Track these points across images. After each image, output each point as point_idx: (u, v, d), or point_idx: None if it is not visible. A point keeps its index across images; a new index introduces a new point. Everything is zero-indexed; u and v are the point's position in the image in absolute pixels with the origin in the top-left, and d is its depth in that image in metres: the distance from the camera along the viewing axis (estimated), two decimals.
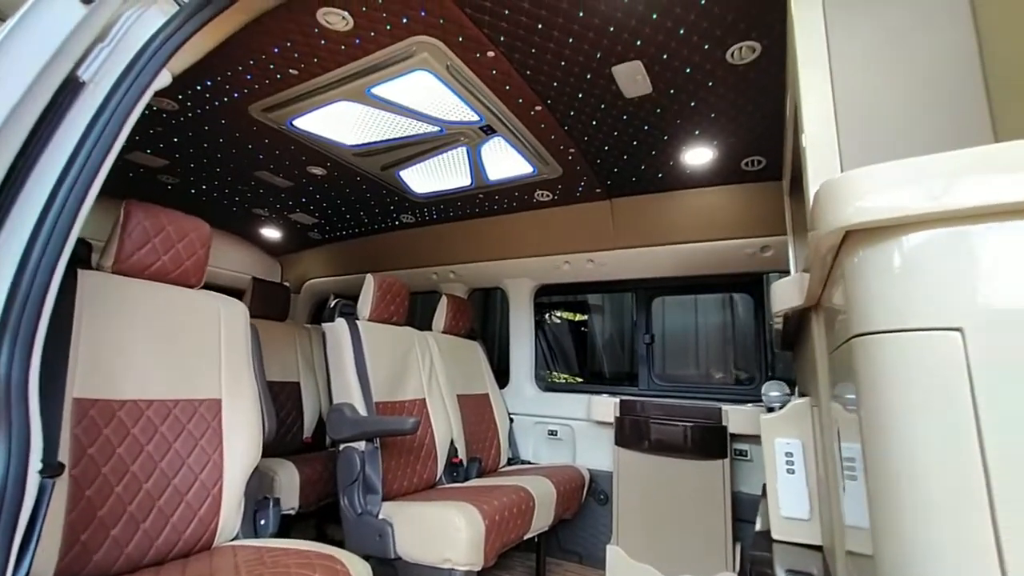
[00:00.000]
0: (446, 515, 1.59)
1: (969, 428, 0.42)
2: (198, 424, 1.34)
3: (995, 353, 0.42)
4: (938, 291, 0.45)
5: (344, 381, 1.89)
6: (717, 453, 2.12)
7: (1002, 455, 0.41)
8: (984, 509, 0.41)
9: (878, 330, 0.48)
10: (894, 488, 0.46)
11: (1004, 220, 0.44)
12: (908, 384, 0.45)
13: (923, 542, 0.43)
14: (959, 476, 0.42)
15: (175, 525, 1.22)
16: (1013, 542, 0.39)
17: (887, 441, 0.47)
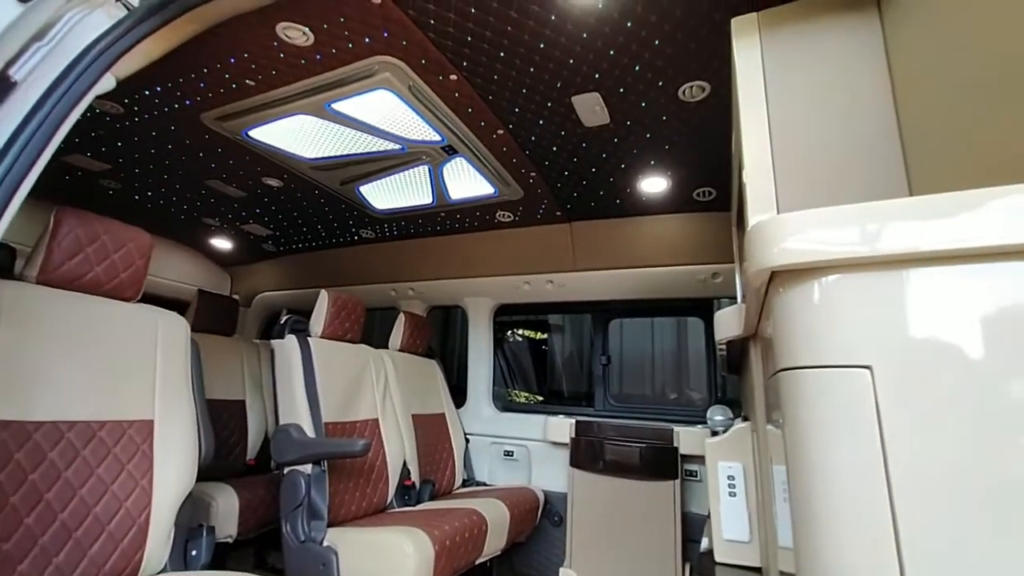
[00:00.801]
0: (394, 541, 1.54)
1: (876, 460, 0.45)
2: (126, 447, 1.25)
3: (899, 389, 0.46)
4: (850, 331, 0.48)
5: (292, 401, 1.82)
6: (669, 474, 2.16)
7: (904, 485, 0.44)
8: (889, 535, 0.44)
9: (799, 365, 0.51)
10: (813, 513, 0.48)
11: (910, 267, 0.48)
12: (824, 417, 0.48)
13: (836, 564, 0.45)
14: (868, 503, 0.45)
15: (93, 558, 1.13)
16: (914, 562, 0.42)
17: (807, 469, 0.49)
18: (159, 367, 1.37)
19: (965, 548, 0.41)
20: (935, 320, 0.46)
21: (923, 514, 0.43)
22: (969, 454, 0.43)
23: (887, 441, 0.45)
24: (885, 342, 0.47)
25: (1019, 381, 0.43)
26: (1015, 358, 0.43)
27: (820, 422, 0.48)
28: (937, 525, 0.43)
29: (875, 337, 0.47)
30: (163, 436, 1.32)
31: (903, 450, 0.44)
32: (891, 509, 0.44)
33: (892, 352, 0.47)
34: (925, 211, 0.48)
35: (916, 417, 0.45)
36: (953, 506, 0.43)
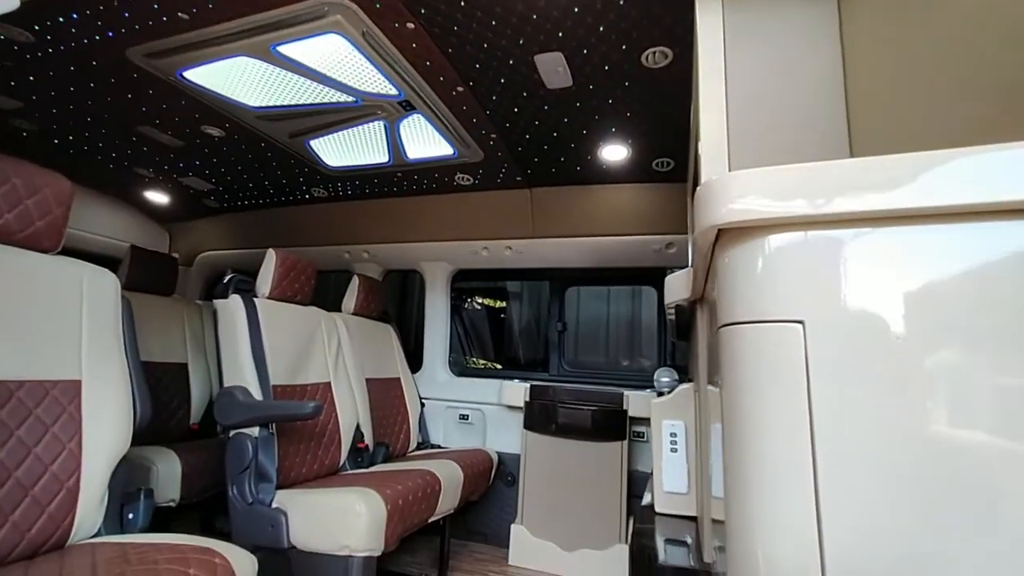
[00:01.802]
0: (346, 501, 1.54)
1: (802, 410, 0.48)
2: (49, 409, 1.17)
3: (827, 344, 0.48)
4: (787, 287, 0.50)
5: (237, 363, 1.75)
6: (617, 435, 2.26)
7: (825, 434, 0.47)
8: (809, 480, 0.47)
9: (739, 321, 0.53)
10: (743, 459, 0.51)
11: (846, 227, 0.50)
12: (759, 369, 0.51)
13: (759, 504, 0.48)
14: (792, 451, 0.48)
15: (16, 524, 1.06)
16: (829, 506, 0.46)
17: (740, 418, 0.52)
18: (85, 324, 1.27)
19: (875, 498, 0.45)
20: (866, 280, 0.49)
21: (839, 463, 0.46)
22: (885, 410, 0.46)
23: (813, 392, 0.48)
24: (818, 299, 0.49)
25: (937, 346, 0.46)
26: (936, 322, 0.46)
27: (755, 374, 0.51)
28: (852, 473, 0.46)
29: (809, 294, 0.49)
30: (92, 397, 1.24)
31: (826, 401, 0.47)
32: (812, 456, 0.47)
33: (824, 309, 0.49)
34: (864, 172, 0.49)
35: (840, 371, 0.48)
36: (867, 457, 0.46)
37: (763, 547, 0.48)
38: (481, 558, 2.36)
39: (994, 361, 0.44)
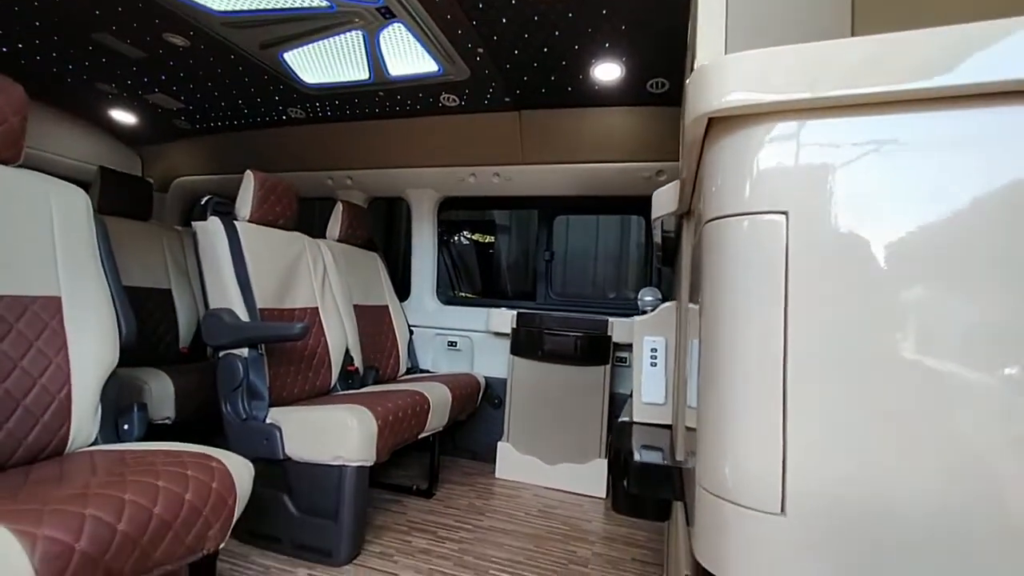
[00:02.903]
0: (337, 417, 1.60)
1: (778, 305, 0.48)
2: (31, 324, 1.16)
3: (809, 236, 0.48)
4: (775, 177, 0.50)
5: (221, 286, 1.74)
6: (601, 359, 2.33)
7: (798, 327, 0.48)
8: (778, 382, 0.48)
9: (724, 214, 0.53)
10: (718, 361, 0.52)
11: (842, 115, 0.48)
12: (741, 261, 0.51)
13: (730, 406, 0.50)
14: (766, 351, 0.49)
15: (12, 431, 1.08)
16: (796, 410, 0.47)
17: (718, 317, 0.52)
18: (58, 241, 1.24)
19: (841, 407, 0.46)
20: (858, 173, 0.47)
21: (809, 365, 0.47)
22: (858, 312, 0.46)
23: (790, 289, 0.48)
24: (804, 189, 0.49)
25: (923, 253, 0.45)
26: (924, 220, 0.45)
27: (737, 266, 0.51)
28: (820, 375, 0.47)
29: (796, 183, 0.49)
30: (74, 314, 1.23)
31: (802, 299, 0.48)
32: (783, 356, 0.48)
33: (809, 199, 0.48)
34: (862, 51, 0.47)
35: (819, 267, 0.48)
36: (836, 361, 0.46)
37: (731, 452, 0.50)
38: (469, 472, 2.51)
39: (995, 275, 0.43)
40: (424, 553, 1.70)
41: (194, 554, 1.03)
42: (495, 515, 2.03)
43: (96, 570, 0.82)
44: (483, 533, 1.87)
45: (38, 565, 0.75)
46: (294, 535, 1.61)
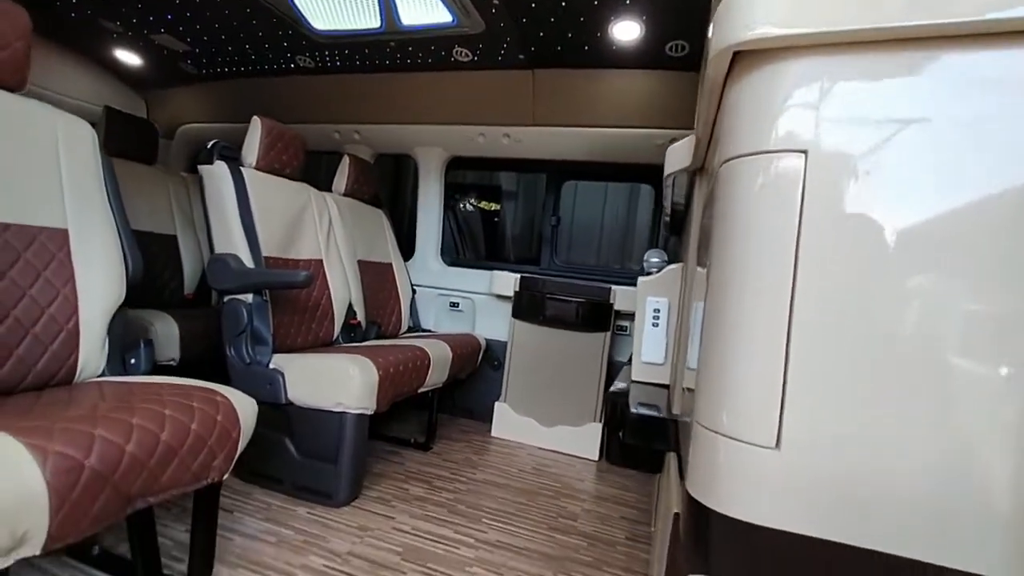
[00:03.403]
0: (339, 365, 1.62)
1: (791, 240, 0.48)
2: (39, 254, 1.17)
3: (825, 178, 0.47)
4: (796, 115, 0.48)
5: (227, 231, 1.73)
6: (602, 327, 2.35)
7: (807, 266, 0.48)
8: (785, 310, 0.48)
9: (742, 153, 0.52)
10: (727, 291, 0.52)
11: (864, 52, 0.47)
12: (755, 201, 0.50)
13: (733, 351, 0.50)
14: (775, 281, 0.49)
15: (22, 358, 1.11)
16: (799, 337, 0.47)
17: (730, 252, 0.52)
18: (64, 172, 1.23)
19: (841, 345, 0.46)
20: (883, 113, 0.46)
21: (816, 313, 0.47)
22: (871, 258, 0.46)
23: (803, 229, 0.48)
24: (825, 127, 0.47)
25: (945, 214, 0.44)
26: (954, 185, 0.44)
27: (750, 207, 0.50)
28: (825, 317, 0.47)
29: (817, 122, 0.48)
30: (81, 248, 1.24)
31: (814, 242, 0.47)
32: (791, 295, 0.48)
33: (830, 138, 0.47)
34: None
35: (833, 209, 0.47)
36: (844, 300, 0.46)
37: (732, 388, 0.50)
38: (466, 429, 2.56)
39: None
40: (420, 500, 1.75)
41: (199, 482, 1.06)
42: (489, 470, 2.08)
43: (105, 487, 0.85)
44: (477, 485, 1.92)
45: (50, 478, 0.78)
46: (295, 477, 1.66)
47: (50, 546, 0.80)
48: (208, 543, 1.17)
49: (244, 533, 1.44)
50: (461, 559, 1.42)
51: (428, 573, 1.34)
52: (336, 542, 1.44)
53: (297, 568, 1.30)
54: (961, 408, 0.43)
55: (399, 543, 1.47)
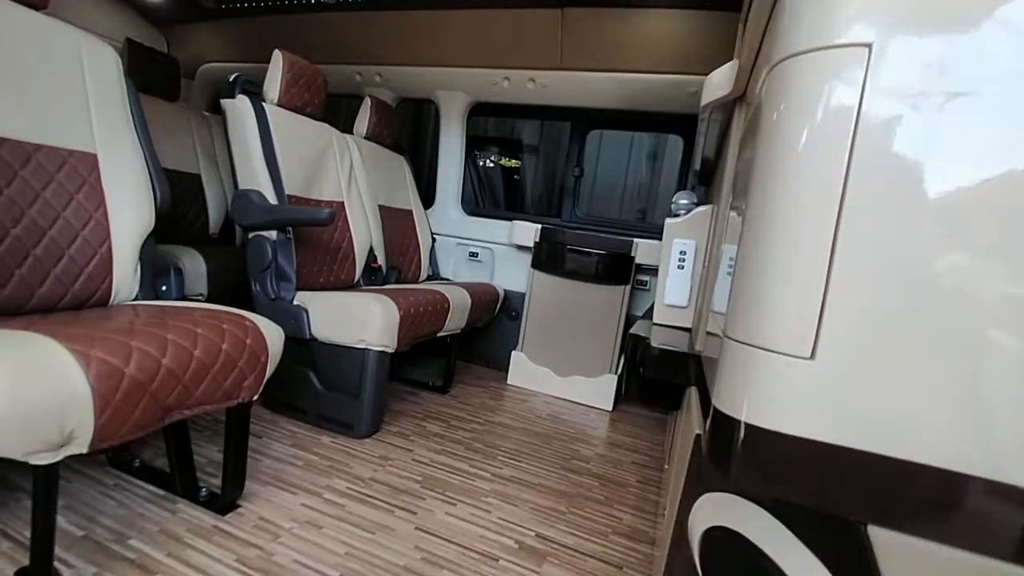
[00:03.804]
0: (361, 302, 1.65)
1: (844, 145, 0.45)
2: (70, 177, 1.18)
3: (888, 68, 0.44)
4: (857, 6, 0.45)
5: (250, 167, 1.73)
6: (622, 280, 2.33)
7: (859, 174, 0.45)
8: (832, 220, 0.46)
9: (797, 51, 0.48)
10: (771, 197, 0.50)
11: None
12: (810, 99, 0.47)
13: (780, 241, 0.48)
14: (823, 189, 0.46)
15: (59, 277, 1.14)
16: (843, 253, 0.45)
17: (776, 156, 0.50)
18: (91, 95, 1.23)
19: (887, 268, 0.44)
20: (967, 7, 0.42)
21: (865, 215, 0.45)
22: (930, 170, 0.43)
23: (859, 134, 0.45)
24: (894, 17, 0.44)
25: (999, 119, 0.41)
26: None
27: (802, 107, 0.47)
28: (874, 234, 0.45)
29: (886, 10, 0.44)
30: (110, 172, 1.25)
31: (871, 144, 0.44)
32: (840, 205, 0.45)
33: (897, 29, 0.44)
34: None
35: (894, 111, 0.44)
36: (895, 216, 0.44)
37: (770, 295, 0.49)
38: (483, 377, 2.61)
39: None
40: (438, 436, 1.81)
41: (230, 401, 1.11)
42: (505, 414, 2.13)
43: (143, 395, 0.89)
44: (492, 427, 1.97)
45: (93, 382, 0.82)
46: (319, 408, 1.73)
47: (95, 446, 0.85)
48: (239, 461, 1.23)
49: (272, 456, 1.51)
50: (478, 489, 1.48)
51: (446, 499, 1.40)
52: (359, 468, 1.50)
53: (322, 488, 1.37)
54: (994, 365, 0.42)
55: (418, 472, 1.53)
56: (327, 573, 1.06)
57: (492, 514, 1.37)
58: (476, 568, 1.14)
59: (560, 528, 1.35)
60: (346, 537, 1.18)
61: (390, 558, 1.13)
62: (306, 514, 1.25)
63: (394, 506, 1.34)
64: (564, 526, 1.36)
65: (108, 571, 0.98)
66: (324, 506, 1.29)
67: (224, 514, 1.20)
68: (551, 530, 1.33)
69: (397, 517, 1.29)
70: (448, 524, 1.29)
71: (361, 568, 1.09)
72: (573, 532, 1.34)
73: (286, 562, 1.07)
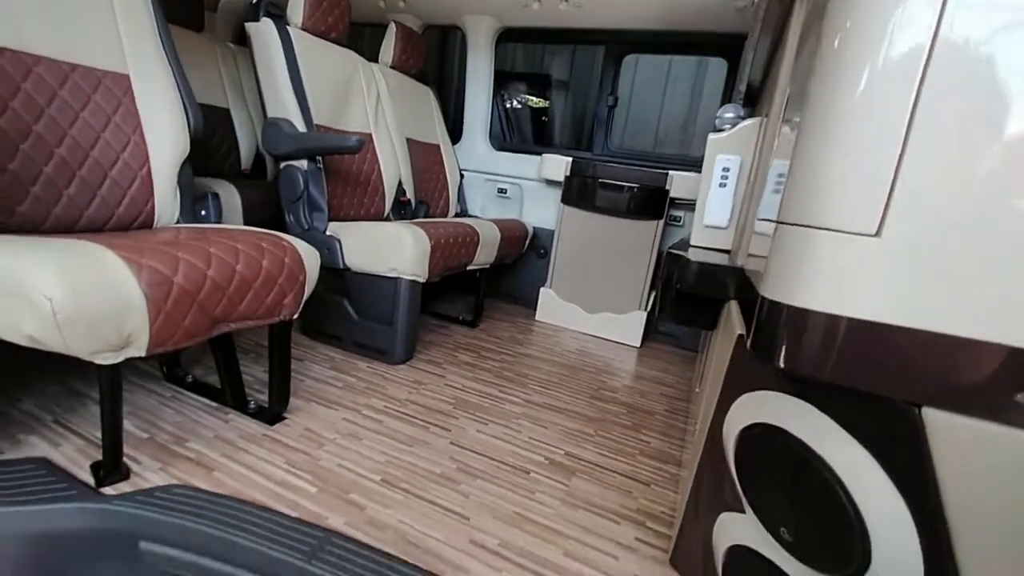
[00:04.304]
0: (393, 232, 1.65)
1: (928, 32, 0.40)
2: (107, 98, 1.19)
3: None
4: None
5: (277, 93, 1.71)
6: (654, 214, 2.26)
7: (951, 27, 0.40)
8: (914, 83, 0.42)
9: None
10: (843, 66, 0.45)
11: None
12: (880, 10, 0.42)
13: (849, 118, 0.45)
14: (909, 48, 0.42)
15: (105, 199, 1.18)
16: (916, 139, 0.41)
17: (851, 24, 0.45)
18: (119, 14, 1.21)
19: (963, 152, 0.40)
20: None
21: (945, 105, 0.40)
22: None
23: (939, 34, 0.40)
24: None
25: None
26: None
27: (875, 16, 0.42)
28: (952, 127, 0.40)
29: None
30: (144, 94, 1.25)
31: (956, 11, 0.39)
32: (924, 67, 0.41)
33: None
34: None
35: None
36: (975, 115, 0.39)
37: (832, 186, 0.45)
38: (511, 313, 2.64)
39: None
40: (469, 365, 1.86)
41: (272, 317, 1.15)
42: (533, 347, 2.17)
43: (192, 304, 0.93)
44: (522, 358, 2.01)
45: (145, 288, 0.85)
46: (355, 335, 1.79)
47: (152, 350, 0.90)
48: (284, 376, 1.29)
49: (313, 377, 1.58)
50: (508, 412, 1.53)
51: (478, 420, 1.46)
52: (394, 390, 1.57)
53: (361, 406, 1.44)
54: None
55: (451, 396, 1.58)
56: (369, 476, 1.13)
57: (522, 434, 1.42)
58: (508, 478, 1.20)
59: (588, 448, 1.39)
60: (385, 448, 1.25)
61: (427, 466, 1.20)
62: (347, 427, 1.32)
63: (429, 423, 1.40)
64: (592, 446, 1.40)
65: (171, 467, 1.07)
66: (363, 421, 1.36)
67: (272, 424, 1.28)
68: (579, 449, 1.38)
69: (432, 433, 1.35)
70: (481, 440, 1.35)
71: (400, 474, 1.15)
72: (601, 452, 1.38)
73: (331, 466, 1.15)
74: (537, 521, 1.06)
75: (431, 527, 1.00)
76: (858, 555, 0.50)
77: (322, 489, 1.06)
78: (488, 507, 1.08)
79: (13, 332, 0.79)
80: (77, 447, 1.08)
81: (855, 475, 0.50)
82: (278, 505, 1.00)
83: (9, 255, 0.78)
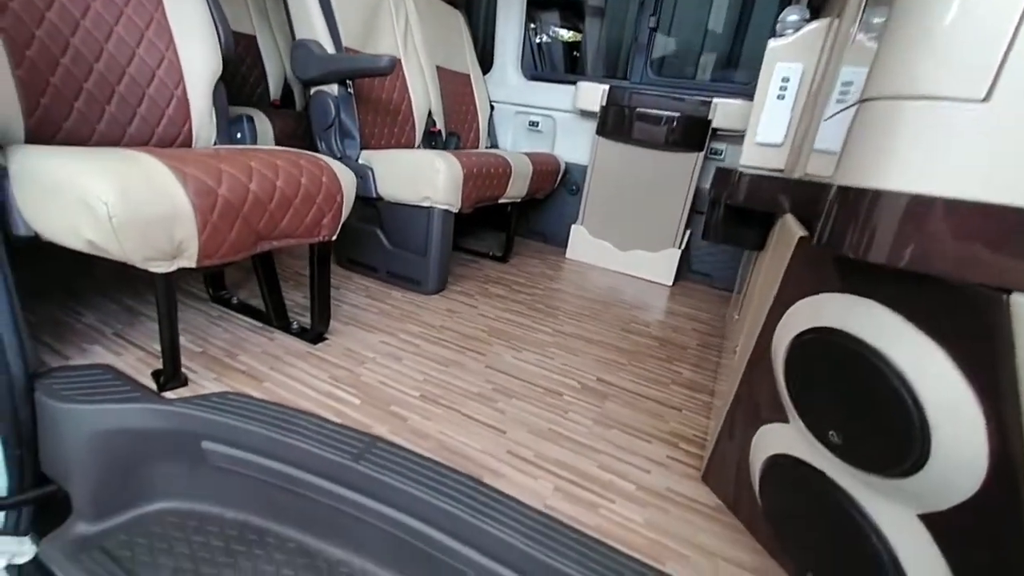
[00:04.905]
0: (426, 159, 1.63)
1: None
2: (138, 11, 1.16)
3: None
4: None
5: (306, 14, 1.65)
6: (695, 146, 2.15)
7: None
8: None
9: None
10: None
11: None
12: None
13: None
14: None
15: (144, 117, 1.18)
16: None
17: None
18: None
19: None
20: None
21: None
22: None
23: None
24: None
25: None
26: None
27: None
28: None
29: None
30: (174, 9, 1.22)
31: None
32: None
33: None
34: None
35: None
36: None
37: (935, 45, 0.40)
38: (541, 250, 2.62)
39: None
40: (501, 297, 1.87)
41: (312, 236, 1.16)
42: (564, 282, 2.16)
43: (236, 217, 0.94)
44: (552, 292, 2.01)
45: (192, 197, 0.86)
46: (389, 265, 1.81)
47: (201, 262, 0.93)
48: (324, 297, 1.33)
49: (350, 303, 1.62)
50: (541, 341, 1.55)
51: (512, 347, 1.48)
52: (429, 317, 1.60)
53: (398, 331, 1.48)
54: None
55: (484, 325, 1.61)
56: (409, 392, 1.17)
57: (555, 360, 1.43)
58: (542, 399, 1.22)
59: (621, 375, 1.40)
60: (422, 367, 1.29)
61: (464, 386, 1.23)
62: (386, 348, 1.36)
63: (464, 348, 1.43)
64: (625, 374, 1.41)
65: (225, 377, 1.13)
66: (401, 343, 1.40)
67: (315, 344, 1.33)
68: (612, 376, 1.39)
69: (467, 357, 1.38)
70: (515, 365, 1.37)
71: (438, 391, 1.19)
72: (634, 380, 1.39)
73: (372, 381, 1.19)
74: (571, 437, 1.09)
75: (470, 438, 1.04)
76: (915, 452, 0.49)
77: (365, 401, 1.11)
78: (523, 423, 1.12)
79: (75, 238, 0.81)
80: (137, 357, 1.15)
81: (921, 371, 0.48)
82: (326, 413, 1.05)
83: (69, 162, 0.80)
